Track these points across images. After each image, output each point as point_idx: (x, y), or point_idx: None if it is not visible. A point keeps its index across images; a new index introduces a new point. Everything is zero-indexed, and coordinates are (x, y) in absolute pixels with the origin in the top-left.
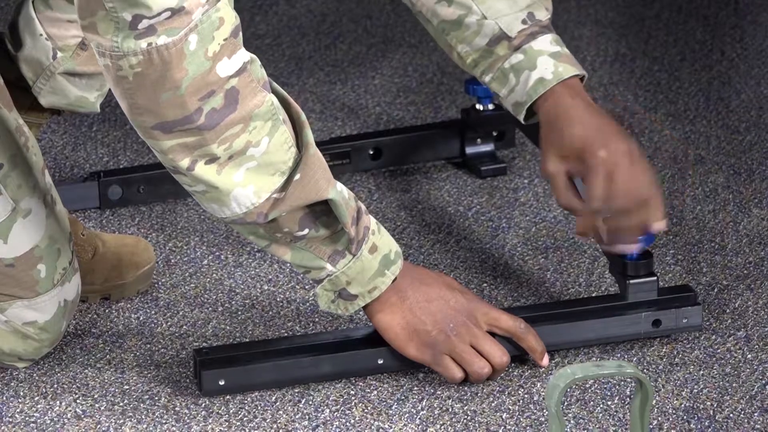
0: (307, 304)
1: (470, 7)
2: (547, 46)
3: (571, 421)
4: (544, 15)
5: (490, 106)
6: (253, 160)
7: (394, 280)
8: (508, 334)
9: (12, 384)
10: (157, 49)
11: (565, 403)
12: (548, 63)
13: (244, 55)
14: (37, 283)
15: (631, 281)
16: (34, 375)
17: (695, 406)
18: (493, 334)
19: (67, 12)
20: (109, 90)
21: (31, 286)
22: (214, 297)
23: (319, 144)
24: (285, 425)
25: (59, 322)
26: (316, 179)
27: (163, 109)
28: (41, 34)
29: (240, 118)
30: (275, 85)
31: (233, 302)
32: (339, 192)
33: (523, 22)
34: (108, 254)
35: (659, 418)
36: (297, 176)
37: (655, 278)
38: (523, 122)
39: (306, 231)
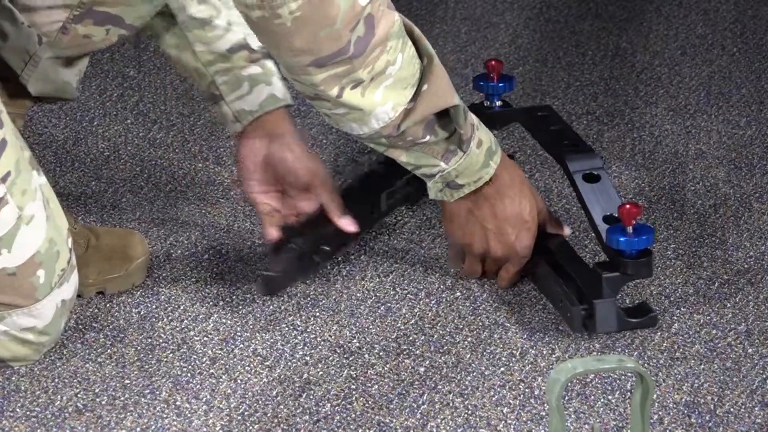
0: (308, 298)
1: (219, 10)
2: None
3: (572, 416)
4: None
5: (498, 103)
6: (390, 77)
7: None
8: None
9: (13, 378)
10: None
11: (566, 398)
12: (280, 85)
13: None
14: (36, 290)
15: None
16: (35, 369)
17: (696, 401)
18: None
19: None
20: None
21: (30, 293)
22: (215, 291)
23: None
24: (286, 419)
25: (58, 322)
26: (443, 87)
27: (321, 44)
28: (22, 23)
29: (379, 40)
30: None
31: (234, 296)
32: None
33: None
34: (101, 247)
35: (660, 413)
36: (425, 87)
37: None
38: (233, 131)
39: (427, 137)
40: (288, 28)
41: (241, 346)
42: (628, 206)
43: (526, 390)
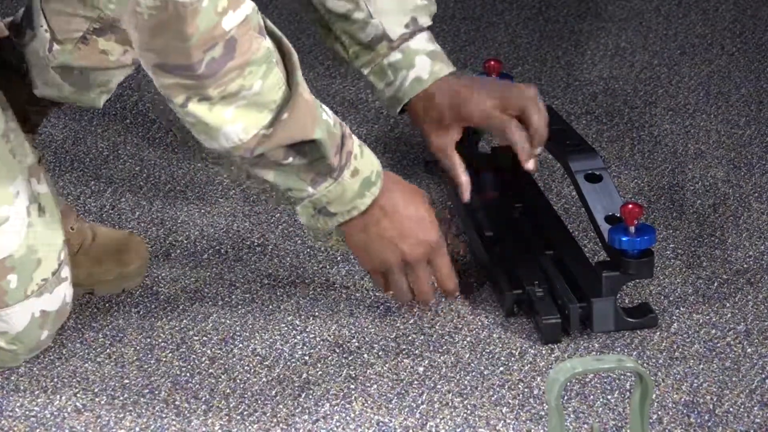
0: (307, 298)
1: (358, 3)
2: (424, 44)
3: (571, 415)
4: (426, 21)
5: None
6: (244, 99)
7: (374, 200)
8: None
9: (12, 378)
10: (174, 2)
11: (565, 397)
12: (425, 62)
13: (246, 7)
14: (5, 294)
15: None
16: (34, 369)
17: (695, 400)
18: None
19: (71, 5)
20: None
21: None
22: (215, 291)
23: None
24: (285, 419)
25: (34, 332)
26: (304, 120)
27: (168, 53)
28: (41, 26)
29: (238, 65)
30: (269, 24)
31: (233, 296)
32: (324, 128)
33: (406, 26)
34: (93, 250)
35: (659, 412)
36: (285, 115)
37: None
38: (395, 115)
39: (290, 159)
40: (144, 20)
41: (240, 345)
42: (630, 206)
43: (525, 390)
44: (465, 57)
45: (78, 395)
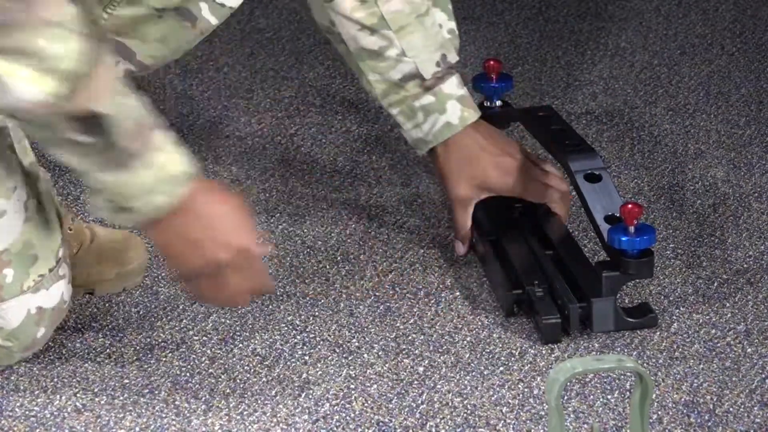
0: (307, 298)
1: (392, 41)
2: (455, 89)
3: (571, 415)
4: (454, 58)
5: (498, 103)
6: (35, 59)
7: (183, 202)
8: None
9: (12, 378)
10: None
11: (565, 397)
12: (455, 108)
13: None
14: (1, 288)
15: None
16: (34, 369)
17: (695, 400)
18: None
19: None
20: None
21: None
22: None
23: None
24: (285, 419)
25: (30, 329)
26: (97, 93)
27: None
28: None
29: (31, 21)
30: None
31: None
32: (121, 108)
33: (437, 64)
34: (92, 250)
35: (659, 412)
36: (79, 85)
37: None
38: (420, 154)
39: (82, 137)
40: None
41: (240, 345)
42: (630, 206)
43: (526, 389)
44: (465, 57)
45: (78, 395)
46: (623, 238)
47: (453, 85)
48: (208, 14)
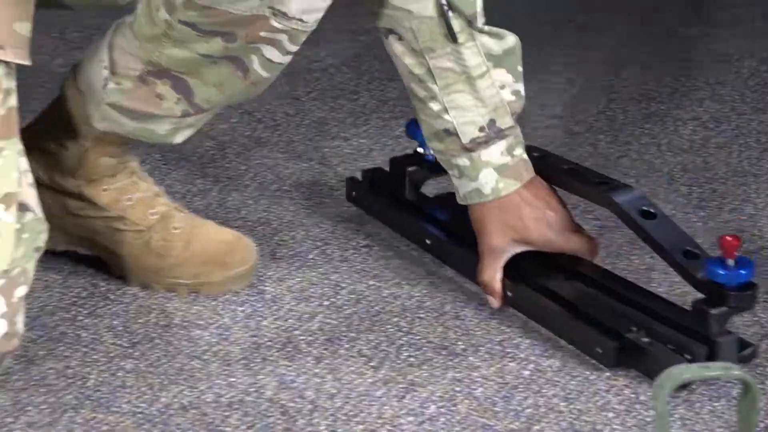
0: (413, 299)
1: (436, 96)
2: (496, 156)
3: (678, 422)
4: (506, 123)
5: None
6: None
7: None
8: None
9: (119, 374)
10: None
11: (672, 404)
12: (490, 177)
13: None
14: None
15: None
16: (141, 366)
17: None
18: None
19: (132, 46)
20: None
21: None
22: (320, 291)
23: None
24: (390, 420)
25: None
26: None
27: None
28: (101, 61)
29: None
30: None
31: (339, 297)
32: None
33: (481, 129)
34: (199, 250)
35: (767, 421)
36: None
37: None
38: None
39: None
40: None
41: (347, 346)
42: (729, 238)
43: (632, 395)
44: (575, 72)
45: (184, 392)
46: (722, 272)
47: (496, 153)
48: (259, 68)
